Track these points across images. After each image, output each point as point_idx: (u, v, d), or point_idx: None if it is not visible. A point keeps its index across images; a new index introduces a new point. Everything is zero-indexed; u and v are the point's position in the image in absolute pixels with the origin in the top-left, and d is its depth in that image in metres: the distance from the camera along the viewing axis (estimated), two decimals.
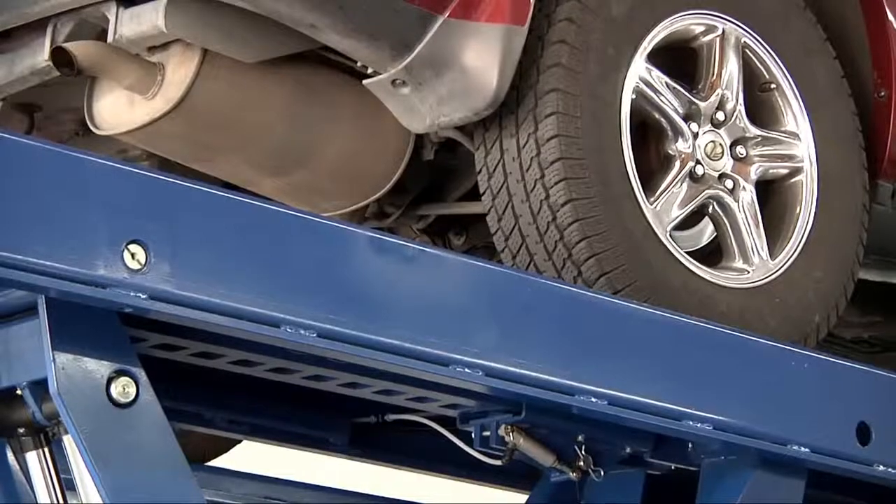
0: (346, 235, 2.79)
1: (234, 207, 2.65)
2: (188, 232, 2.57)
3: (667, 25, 3.56)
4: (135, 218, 2.51)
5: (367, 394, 3.14)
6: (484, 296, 2.92)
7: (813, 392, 3.36)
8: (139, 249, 2.51)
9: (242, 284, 2.61)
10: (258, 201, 2.73)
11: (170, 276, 2.53)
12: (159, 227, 2.53)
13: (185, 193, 2.60)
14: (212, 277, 2.58)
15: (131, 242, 2.50)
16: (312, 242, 2.73)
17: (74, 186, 2.47)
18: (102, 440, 2.59)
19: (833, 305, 3.70)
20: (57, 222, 2.44)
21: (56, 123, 3.74)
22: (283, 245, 2.68)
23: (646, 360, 3.12)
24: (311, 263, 2.71)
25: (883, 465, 3.40)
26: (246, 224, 2.65)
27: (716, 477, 3.36)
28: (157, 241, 2.52)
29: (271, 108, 3.45)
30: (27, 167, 2.44)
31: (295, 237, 2.70)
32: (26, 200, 2.42)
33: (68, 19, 3.34)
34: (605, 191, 3.39)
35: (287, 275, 2.67)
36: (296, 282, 2.68)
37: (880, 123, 3.92)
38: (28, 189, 2.43)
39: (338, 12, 3.22)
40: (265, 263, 2.65)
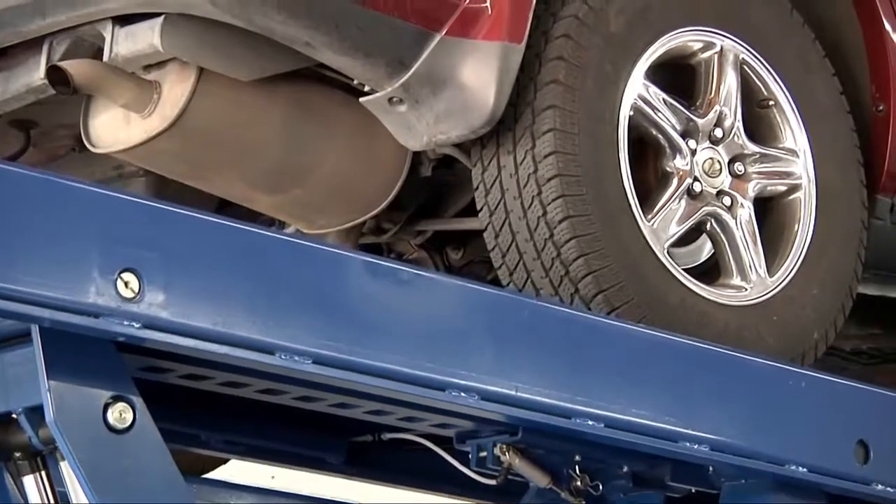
0: (341, 260, 2.77)
1: (227, 233, 2.63)
2: (182, 259, 2.54)
3: (665, 42, 3.54)
4: (128, 246, 2.48)
5: (357, 413, 3.12)
6: (480, 319, 2.90)
7: (811, 411, 3.34)
8: (132, 278, 2.48)
9: (236, 311, 2.58)
10: (252, 227, 2.71)
11: (163, 304, 2.51)
12: (153, 255, 2.50)
13: (178, 220, 2.58)
14: (206, 305, 2.55)
15: (125, 271, 2.47)
16: (307, 267, 2.70)
17: (67, 215, 2.44)
18: (100, 467, 2.57)
19: (831, 323, 3.69)
20: (49, 251, 2.41)
21: (52, 140, 3.72)
22: (278, 271, 2.66)
23: (642, 381, 3.10)
24: (306, 289, 2.69)
25: (882, 485, 3.38)
26: (240, 250, 2.62)
27: (736, 500, 3.35)
28: (150, 268, 2.49)
29: (267, 126, 3.43)
30: (19, 196, 2.41)
31: (289, 263, 2.68)
32: (17, 229, 2.40)
33: (64, 38, 3.32)
34: (602, 208, 3.38)
35: (281, 301, 2.65)
36: (290, 308, 2.65)
37: (879, 138, 3.91)
38: (19, 218, 2.40)
39: (333, 30, 3.21)
40: (259, 290, 2.62)
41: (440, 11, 3.30)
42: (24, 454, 2.77)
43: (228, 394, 3.01)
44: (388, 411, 3.09)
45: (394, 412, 3.10)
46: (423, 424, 3.20)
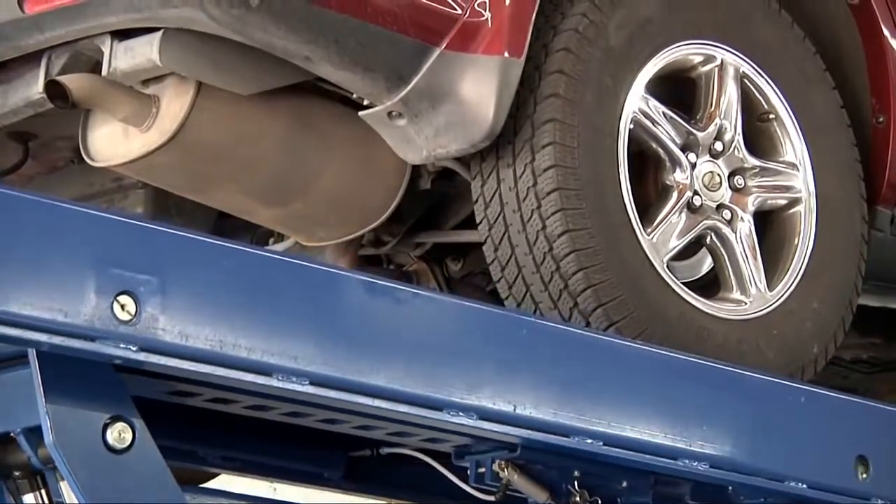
0: (338, 279, 2.76)
1: (223, 254, 2.62)
2: (178, 281, 2.53)
3: (665, 55, 3.53)
4: (124, 269, 2.47)
5: (345, 428, 3.09)
6: (478, 337, 2.88)
7: (810, 426, 3.33)
8: (129, 300, 2.47)
9: (233, 333, 2.57)
10: (248, 248, 2.70)
11: (160, 326, 2.49)
12: (149, 278, 2.49)
13: (174, 242, 2.56)
14: (203, 326, 2.54)
15: (121, 294, 2.46)
16: (303, 287, 2.69)
17: (63, 238, 2.43)
18: (100, 488, 2.56)
19: (831, 336, 3.67)
20: (45, 275, 2.40)
21: (51, 151, 3.71)
22: (274, 291, 2.64)
23: (641, 398, 3.08)
24: (303, 309, 2.67)
25: (882, 499, 3.37)
26: (236, 271, 2.61)
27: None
28: (147, 291, 2.48)
29: (267, 140, 3.41)
30: (15, 219, 2.40)
31: (286, 283, 2.66)
32: (13, 253, 2.39)
33: (62, 52, 3.30)
34: (602, 221, 3.36)
35: (279, 321, 2.63)
36: (287, 328, 2.64)
37: (879, 149, 3.90)
38: (15, 241, 2.39)
39: (332, 44, 3.19)
40: (256, 310, 2.61)
41: (440, 26, 3.29)
42: (23, 472, 2.78)
43: (223, 410, 3.00)
44: (377, 426, 3.05)
45: (384, 427, 3.06)
46: (415, 439, 3.18)
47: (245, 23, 3.10)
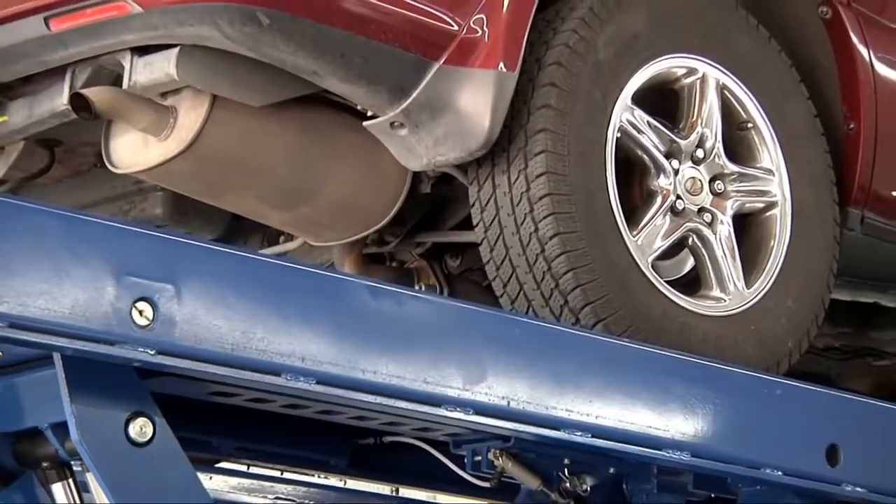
0: (343, 285, 2.73)
1: (234, 262, 2.60)
2: (193, 288, 2.51)
3: (650, 68, 3.52)
4: (143, 277, 2.45)
5: (341, 419, 3.08)
6: (474, 337, 2.86)
7: (785, 417, 3.31)
8: (147, 306, 2.45)
9: (244, 336, 2.55)
10: (258, 256, 2.69)
11: (176, 330, 2.48)
12: (166, 285, 2.47)
13: (189, 251, 2.54)
14: (216, 330, 2.52)
15: (139, 300, 2.45)
16: (309, 292, 2.67)
17: (85, 249, 2.41)
18: (124, 480, 2.56)
19: (805, 332, 3.66)
20: (68, 284, 2.38)
21: (76, 157, 3.70)
22: (282, 296, 2.62)
23: (626, 392, 3.06)
24: (309, 312, 2.65)
25: (851, 485, 3.35)
26: (247, 277, 2.59)
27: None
28: (163, 298, 2.46)
29: (277, 148, 3.40)
30: (39, 232, 2.38)
31: (292, 288, 2.65)
32: (37, 263, 2.37)
33: (86, 66, 3.29)
34: (590, 225, 3.35)
35: (286, 325, 2.61)
36: (295, 331, 2.62)
37: (850, 154, 3.89)
38: (39, 252, 2.38)
39: (338, 60, 3.18)
40: (265, 315, 2.59)
41: (438, 42, 3.27)
42: (51, 464, 2.77)
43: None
44: (371, 417, 3.04)
45: (376, 418, 3.06)
46: (404, 428, 3.17)
47: (257, 40, 3.09)
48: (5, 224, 2.36)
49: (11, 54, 3.29)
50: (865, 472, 3.39)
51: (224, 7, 3.06)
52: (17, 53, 3.29)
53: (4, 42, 3.28)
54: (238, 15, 3.06)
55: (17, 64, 3.32)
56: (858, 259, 3.93)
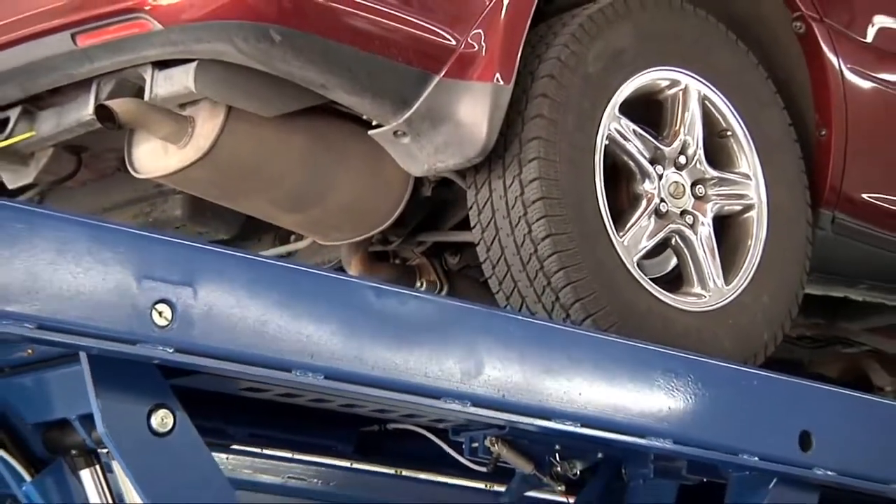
0: (348, 287, 2.73)
1: (248, 266, 2.59)
2: (209, 291, 2.50)
3: (636, 81, 3.50)
4: (163, 281, 2.45)
5: (333, 406, 3.06)
6: (471, 334, 2.85)
7: (760, 406, 3.29)
8: (166, 308, 2.45)
9: (257, 335, 2.55)
10: (269, 260, 2.67)
11: (194, 330, 2.47)
12: (184, 288, 2.47)
13: (206, 256, 2.54)
14: (231, 330, 2.52)
15: (159, 302, 2.44)
16: (318, 293, 2.66)
17: (108, 254, 2.41)
18: (147, 467, 2.56)
19: (779, 326, 3.65)
20: (92, 287, 2.38)
21: (101, 161, 3.68)
22: (292, 297, 2.62)
23: (613, 384, 3.05)
24: (318, 312, 2.64)
25: (822, 469, 3.34)
26: (259, 281, 2.58)
27: (741, 488, 3.31)
28: (182, 300, 2.46)
29: (289, 156, 3.38)
30: (65, 239, 2.38)
31: (303, 290, 2.64)
32: (63, 267, 2.36)
33: (110, 79, 3.27)
34: (580, 226, 3.34)
35: (296, 324, 2.61)
36: (304, 330, 2.61)
37: (821, 159, 3.88)
38: (65, 257, 2.37)
39: (345, 73, 3.17)
40: (276, 315, 2.58)
41: (439, 56, 3.26)
42: (79, 451, 2.75)
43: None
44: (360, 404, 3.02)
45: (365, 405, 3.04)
46: (392, 415, 3.16)
47: (269, 55, 3.08)
48: (33, 232, 2.35)
49: (41, 68, 3.28)
50: (835, 456, 3.37)
51: (239, 25, 3.05)
52: (46, 67, 3.27)
53: (34, 56, 3.26)
54: (252, 32, 3.05)
55: (46, 77, 3.31)
56: (829, 257, 3.91)
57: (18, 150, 3.47)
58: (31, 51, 3.26)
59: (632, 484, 3.34)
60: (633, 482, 3.33)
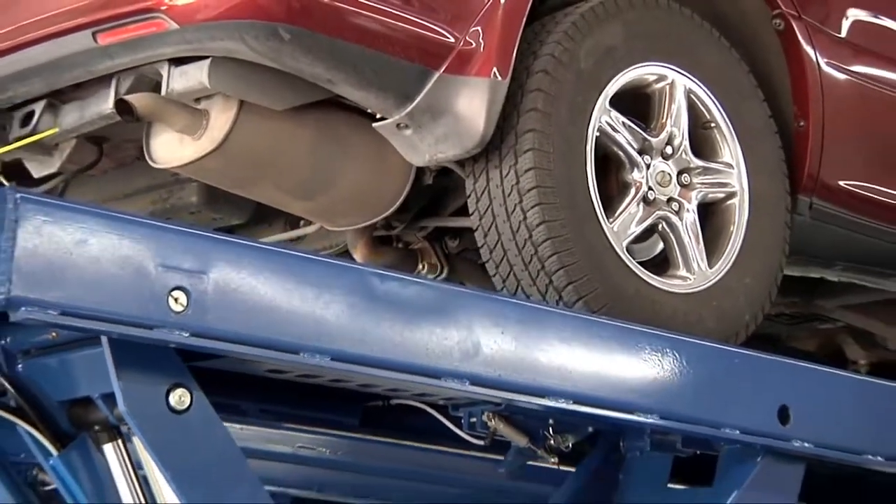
0: (353, 273, 2.72)
1: (259, 254, 2.58)
2: (222, 278, 2.49)
3: (625, 76, 3.47)
4: (179, 269, 2.43)
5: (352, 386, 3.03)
6: (469, 317, 2.84)
7: (741, 382, 3.28)
8: (182, 295, 2.44)
9: (268, 320, 2.53)
10: (278, 248, 2.66)
11: (207, 315, 2.46)
12: (198, 276, 2.45)
13: (219, 245, 2.53)
14: (242, 315, 2.51)
15: (175, 289, 2.43)
16: (325, 280, 2.65)
17: (127, 244, 2.40)
18: (166, 443, 2.56)
19: (760, 306, 3.63)
20: (112, 276, 2.37)
21: (121, 151, 3.66)
22: (300, 284, 2.61)
23: (603, 363, 3.05)
24: (324, 297, 2.63)
25: (799, 441, 3.33)
26: (269, 268, 2.57)
27: (732, 461, 3.31)
28: (196, 287, 2.45)
29: (298, 147, 3.36)
30: (86, 230, 2.36)
31: (310, 276, 2.63)
32: (86, 258, 2.35)
33: (129, 75, 3.26)
34: (572, 213, 3.31)
35: (304, 308, 2.60)
36: (311, 314, 2.60)
37: (800, 148, 3.85)
38: (87, 248, 2.35)
39: (351, 70, 3.15)
40: (285, 300, 2.57)
41: (439, 53, 3.23)
42: (102, 427, 2.75)
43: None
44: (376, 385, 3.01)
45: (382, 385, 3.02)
46: (406, 394, 3.15)
47: (279, 53, 3.06)
48: (56, 224, 2.33)
49: (64, 64, 3.26)
50: (812, 429, 3.36)
51: (250, 24, 3.02)
52: (68, 64, 3.25)
53: (58, 54, 3.24)
54: (262, 31, 3.02)
55: (68, 73, 3.29)
56: (807, 240, 3.89)
57: (43, 142, 3.45)
58: (54, 48, 3.24)
59: (629, 456, 3.33)
60: (630, 454, 3.32)
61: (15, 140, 3.42)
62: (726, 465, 3.32)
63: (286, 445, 3.97)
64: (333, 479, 3.98)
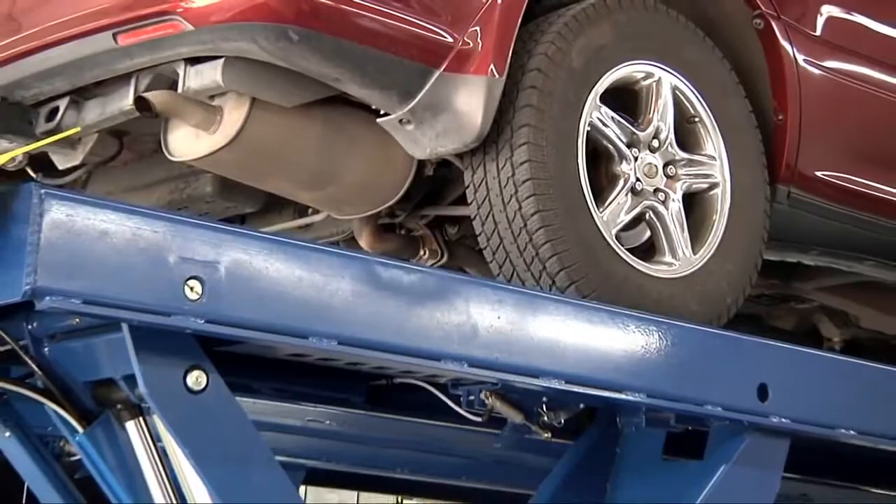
0: (360, 262, 2.70)
1: (269, 245, 2.56)
2: (235, 268, 2.48)
3: (614, 73, 3.45)
4: (194, 259, 2.42)
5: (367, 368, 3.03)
6: (466, 304, 2.82)
7: (723, 362, 3.26)
8: (197, 283, 2.43)
9: (278, 307, 2.52)
10: (288, 239, 2.64)
11: (221, 303, 2.45)
12: (213, 266, 2.44)
13: (232, 237, 2.51)
14: (254, 303, 2.50)
15: (191, 278, 2.42)
16: (333, 269, 2.63)
17: (144, 237, 2.38)
18: (184, 421, 2.55)
19: (741, 290, 3.61)
20: (130, 267, 2.36)
21: (140, 144, 3.64)
22: (309, 273, 2.59)
23: (593, 346, 3.03)
24: (331, 285, 2.62)
25: (777, 417, 3.31)
26: (279, 258, 2.56)
27: (721, 436, 3.29)
28: (211, 276, 2.43)
29: (306, 141, 3.34)
30: (106, 223, 2.35)
31: (317, 265, 2.61)
32: (106, 249, 2.34)
33: (147, 73, 3.24)
34: (564, 203, 3.30)
35: (312, 295, 2.58)
36: (319, 300, 2.59)
37: (778, 141, 3.83)
38: (107, 240, 2.34)
39: (356, 69, 3.13)
40: (294, 289, 2.56)
41: (439, 52, 3.21)
42: (124, 406, 2.74)
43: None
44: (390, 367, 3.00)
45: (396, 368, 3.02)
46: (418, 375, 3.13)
47: (288, 53, 3.04)
48: (78, 217, 2.32)
49: (86, 64, 3.25)
50: (789, 405, 3.34)
51: (261, 26, 3.01)
52: (91, 63, 3.24)
53: (81, 54, 3.23)
54: (272, 32, 3.01)
55: (91, 71, 3.27)
56: (785, 227, 3.87)
57: (68, 137, 3.43)
58: (77, 48, 3.22)
59: (625, 431, 3.32)
60: (626, 429, 3.31)
61: (41, 134, 3.41)
62: (716, 440, 3.30)
63: (296, 419, 3.97)
64: (341, 450, 3.98)
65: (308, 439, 3.93)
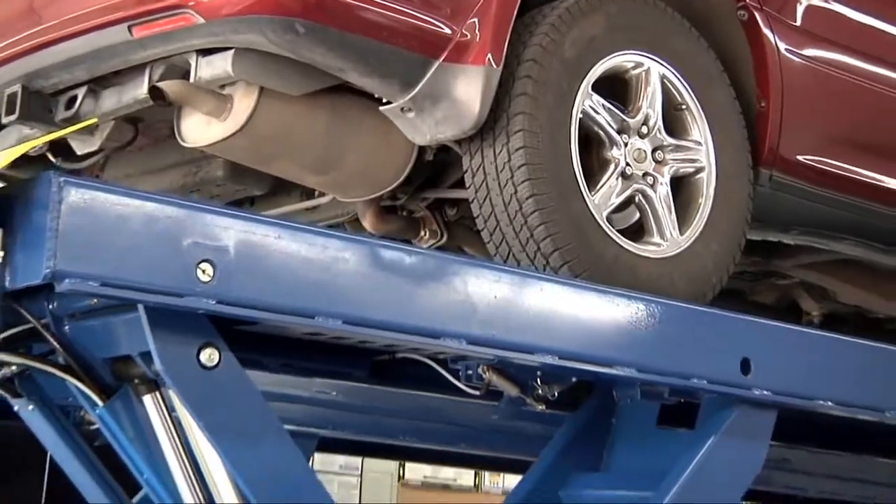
0: (364, 245, 2.69)
1: (277, 229, 2.55)
2: (245, 251, 2.48)
3: (606, 63, 3.43)
4: (206, 243, 2.41)
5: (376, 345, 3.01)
6: (465, 284, 2.82)
7: (708, 338, 3.25)
8: (209, 266, 2.42)
9: (286, 288, 2.52)
10: (295, 223, 2.63)
11: (232, 285, 2.44)
12: (224, 249, 2.43)
13: (242, 221, 2.51)
14: (263, 284, 2.49)
15: (203, 261, 2.41)
16: (336, 251, 2.63)
17: (158, 222, 2.38)
18: (198, 395, 2.55)
19: (725, 269, 3.60)
20: (145, 251, 2.35)
21: (154, 130, 3.63)
22: (314, 254, 2.58)
23: (585, 323, 3.03)
24: (336, 266, 2.61)
25: (759, 389, 3.31)
26: (287, 241, 2.55)
27: (711, 408, 3.29)
28: (222, 259, 2.43)
29: (312, 128, 3.33)
30: (122, 209, 2.34)
31: (323, 248, 2.60)
32: (122, 234, 2.33)
33: (161, 64, 3.22)
34: (558, 187, 3.28)
35: (318, 276, 2.58)
36: (324, 281, 2.59)
37: (761, 126, 3.80)
38: (123, 226, 2.33)
39: (360, 59, 3.11)
40: (301, 270, 2.55)
41: (439, 44, 3.19)
42: (141, 380, 2.75)
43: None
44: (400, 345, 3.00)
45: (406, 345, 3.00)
46: (426, 352, 3.13)
47: (295, 45, 3.02)
48: (95, 204, 2.31)
49: (103, 54, 3.23)
50: (770, 378, 3.33)
51: (269, 19, 2.99)
52: (107, 54, 3.23)
53: (98, 45, 3.21)
54: (280, 25, 2.99)
55: (107, 62, 3.26)
56: (767, 208, 3.86)
57: None
58: (94, 40, 3.21)
59: (621, 403, 3.32)
60: (621, 402, 3.31)
61: (61, 122, 3.39)
62: (706, 412, 3.30)
63: (304, 390, 3.97)
64: (346, 419, 3.98)
65: (315, 409, 3.92)
